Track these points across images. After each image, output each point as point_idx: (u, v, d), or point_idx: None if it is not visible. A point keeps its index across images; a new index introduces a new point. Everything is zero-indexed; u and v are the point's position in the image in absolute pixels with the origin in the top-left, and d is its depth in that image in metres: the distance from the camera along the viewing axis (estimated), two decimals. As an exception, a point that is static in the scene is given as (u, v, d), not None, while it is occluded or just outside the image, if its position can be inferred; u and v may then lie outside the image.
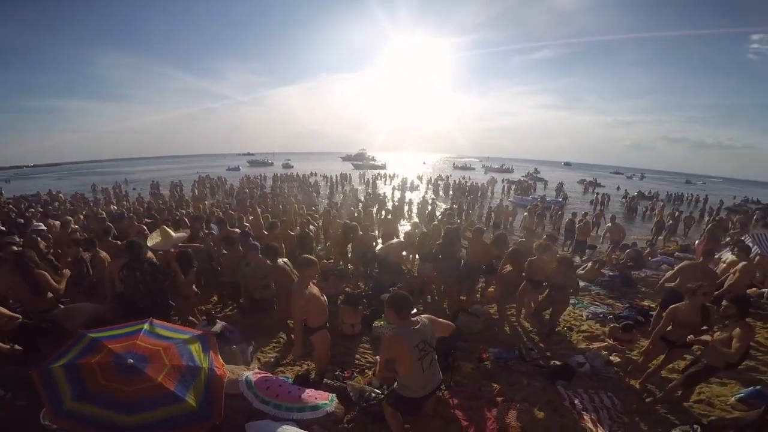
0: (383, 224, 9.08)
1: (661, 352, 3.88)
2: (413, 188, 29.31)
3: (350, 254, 7.36)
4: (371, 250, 6.81)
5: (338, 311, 4.86)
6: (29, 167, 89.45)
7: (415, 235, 7.21)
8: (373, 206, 14.02)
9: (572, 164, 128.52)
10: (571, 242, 11.48)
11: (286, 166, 52.96)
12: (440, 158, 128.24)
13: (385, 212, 11.45)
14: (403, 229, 10.35)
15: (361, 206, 13.31)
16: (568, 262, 4.94)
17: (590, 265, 7.99)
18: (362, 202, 15.94)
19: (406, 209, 16.78)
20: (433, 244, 6.18)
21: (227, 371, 2.89)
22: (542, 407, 3.40)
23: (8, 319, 3.51)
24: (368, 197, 19.01)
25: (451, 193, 26.61)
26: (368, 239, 6.94)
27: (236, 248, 5.47)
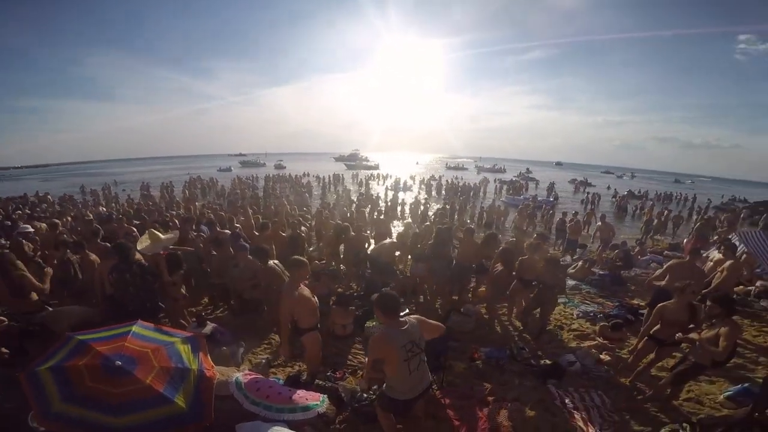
0: (376, 224, 9.07)
1: (650, 350, 3.91)
2: (406, 188, 29.30)
3: (342, 255, 7.34)
4: (363, 250, 6.81)
5: (330, 312, 4.85)
6: (16, 168, 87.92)
7: (407, 235, 7.20)
8: (365, 206, 14.00)
9: (564, 164, 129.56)
10: (562, 241, 11.59)
11: (278, 166, 52.71)
12: (433, 158, 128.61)
13: (377, 213, 11.45)
14: (396, 229, 10.34)
15: (354, 207, 13.28)
16: (555, 261, 4.99)
17: (580, 264, 8.05)
18: (355, 202, 15.90)
19: (399, 209, 16.77)
20: (425, 244, 6.20)
21: (217, 373, 2.88)
22: (533, 406, 3.43)
23: None
24: (361, 197, 18.97)
25: (443, 193, 26.64)
26: (361, 240, 6.92)
27: (225, 249, 5.42)
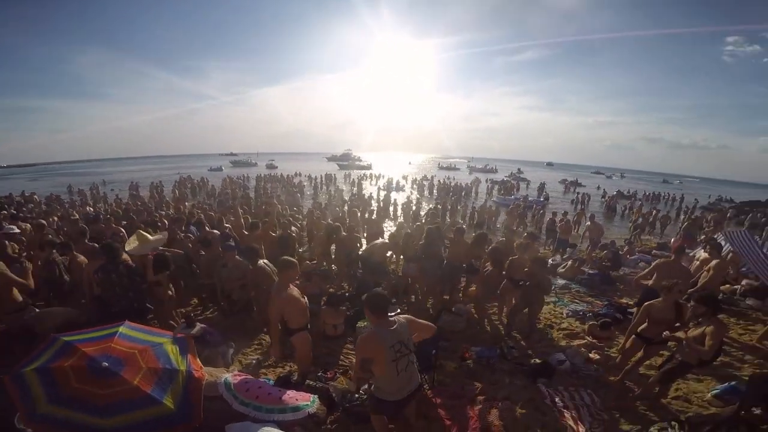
0: (367, 224, 9.05)
1: (637, 349, 3.94)
2: (399, 188, 29.36)
3: (333, 255, 7.32)
4: (355, 250, 6.79)
5: (320, 312, 4.84)
6: (3, 168, 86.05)
7: (400, 235, 7.21)
8: (358, 206, 13.96)
9: (554, 164, 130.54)
10: (552, 241, 11.68)
11: (270, 166, 52.36)
12: (426, 158, 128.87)
13: (369, 213, 11.44)
14: (388, 229, 10.33)
15: (346, 207, 13.23)
16: (541, 261, 5.00)
17: (570, 263, 8.12)
18: (347, 202, 15.85)
19: (391, 209, 16.77)
20: (417, 244, 6.21)
21: (206, 373, 2.87)
22: (524, 405, 3.45)
23: None
24: (353, 197, 18.94)
25: (435, 193, 26.74)
26: (353, 240, 6.90)
27: (214, 249, 5.39)
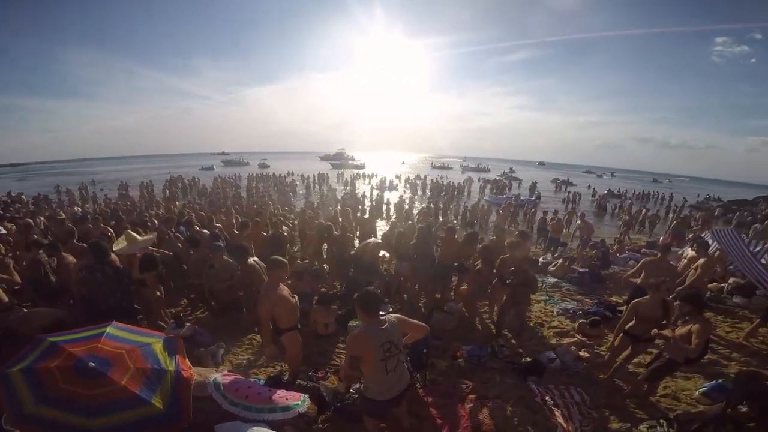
0: (360, 224, 9.04)
1: (625, 346, 3.98)
2: (392, 188, 29.35)
3: (325, 254, 7.29)
4: (348, 250, 6.74)
5: (310, 311, 4.83)
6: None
7: (393, 235, 7.20)
8: (350, 206, 13.94)
9: (546, 164, 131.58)
10: (543, 240, 11.75)
11: (262, 165, 52.04)
12: (420, 158, 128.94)
13: (361, 212, 11.42)
14: (381, 228, 10.32)
15: (338, 206, 13.19)
16: (526, 259, 5.01)
17: (561, 261, 8.18)
18: (340, 201, 15.82)
19: (384, 208, 16.77)
20: (409, 243, 6.20)
21: (195, 373, 2.85)
22: (515, 404, 3.47)
23: None
24: (346, 197, 18.90)
25: (428, 192, 26.81)
26: (345, 240, 6.85)
27: (202, 249, 5.34)
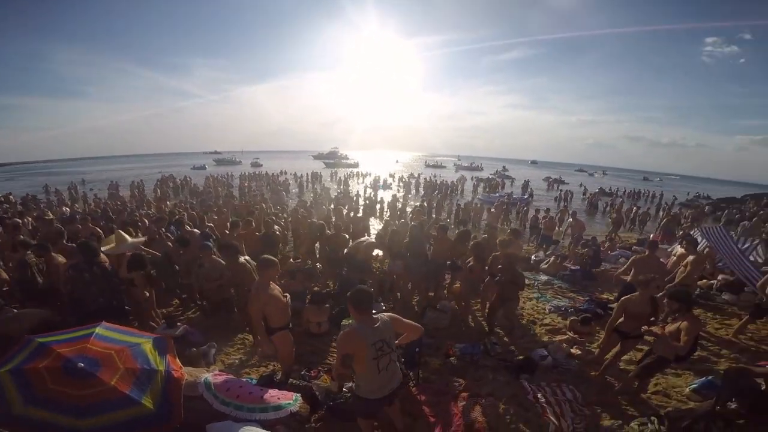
0: (353, 223, 9.00)
1: (614, 343, 4.01)
2: (386, 186, 29.30)
3: (318, 253, 7.26)
4: (341, 249, 6.69)
5: (303, 310, 4.81)
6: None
7: (386, 234, 7.18)
8: (344, 205, 13.89)
9: (538, 162, 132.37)
10: (536, 237, 11.83)
11: (254, 164, 51.67)
12: (413, 157, 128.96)
13: (354, 211, 11.38)
14: (374, 227, 10.30)
15: (332, 205, 13.15)
16: (513, 257, 5.01)
17: (552, 259, 8.23)
18: (333, 200, 15.78)
19: (378, 207, 16.75)
20: (402, 241, 6.19)
21: (185, 373, 2.85)
22: (507, 401, 3.48)
23: None
24: (339, 195, 18.87)
25: (421, 191, 26.86)
26: (339, 239, 6.79)
27: (192, 249, 5.31)
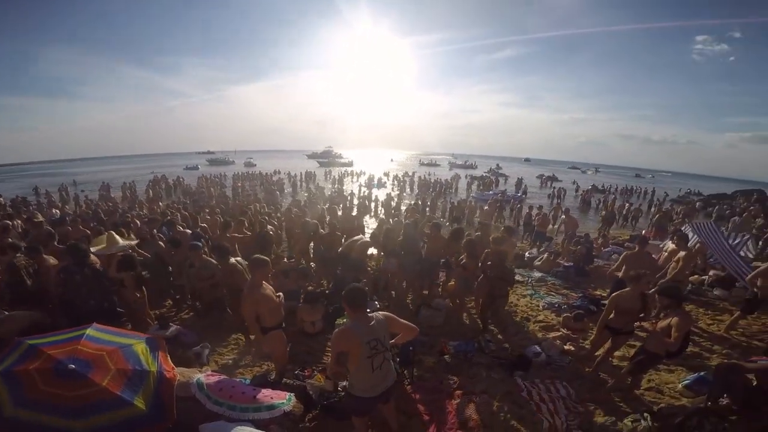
0: (347, 221, 8.99)
1: (605, 339, 4.02)
2: (380, 185, 29.28)
3: (312, 253, 7.23)
4: (335, 248, 6.67)
5: (297, 310, 4.81)
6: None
7: (381, 233, 7.16)
8: (338, 204, 13.88)
9: (532, 160, 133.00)
10: (529, 234, 11.89)
11: (248, 164, 51.39)
12: (408, 155, 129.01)
13: (348, 209, 11.40)
14: (369, 226, 10.29)
15: (326, 204, 13.14)
16: (501, 253, 5.00)
17: (546, 256, 8.26)
18: (328, 199, 15.78)
19: (372, 206, 16.76)
20: (396, 239, 6.19)
21: (177, 374, 2.85)
22: (501, 399, 3.48)
23: None
24: (334, 194, 18.86)
25: (416, 189, 26.90)
26: (333, 238, 6.77)
27: (182, 250, 5.29)
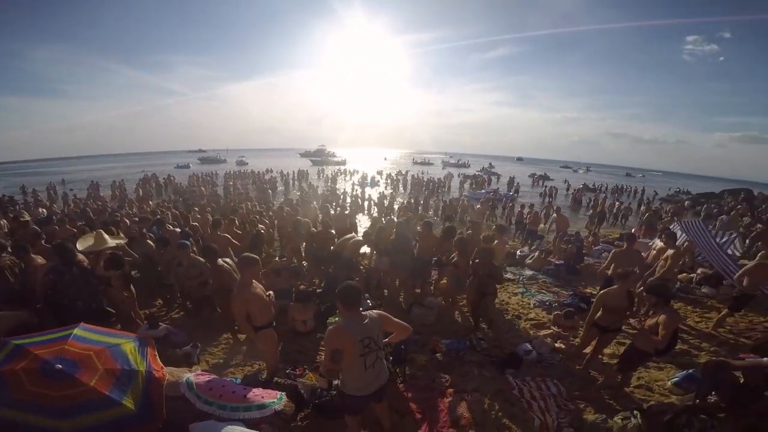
0: (339, 220, 8.98)
1: (593, 337, 4.04)
2: (373, 184, 29.24)
3: (304, 251, 7.20)
4: (328, 247, 6.65)
5: (288, 308, 4.79)
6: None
7: (374, 231, 7.16)
8: (331, 203, 13.86)
9: (524, 159, 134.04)
10: (521, 233, 11.96)
11: (240, 162, 51.06)
12: (401, 154, 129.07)
13: (340, 208, 11.39)
14: (362, 225, 10.27)
15: (319, 203, 13.12)
16: (488, 251, 5.01)
17: (537, 254, 8.31)
18: (320, 198, 15.75)
19: (366, 204, 16.75)
20: (388, 238, 6.19)
21: (167, 373, 2.82)
22: (493, 397, 3.50)
23: None
24: (327, 193, 18.83)
25: (409, 188, 26.95)
26: (326, 237, 6.76)
27: (171, 249, 5.26)
